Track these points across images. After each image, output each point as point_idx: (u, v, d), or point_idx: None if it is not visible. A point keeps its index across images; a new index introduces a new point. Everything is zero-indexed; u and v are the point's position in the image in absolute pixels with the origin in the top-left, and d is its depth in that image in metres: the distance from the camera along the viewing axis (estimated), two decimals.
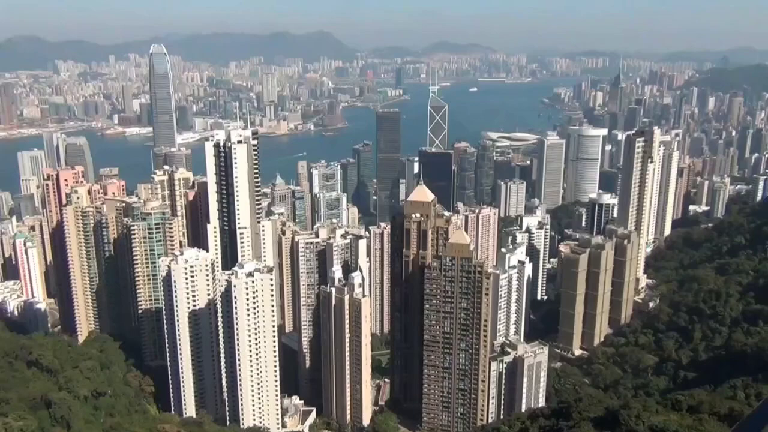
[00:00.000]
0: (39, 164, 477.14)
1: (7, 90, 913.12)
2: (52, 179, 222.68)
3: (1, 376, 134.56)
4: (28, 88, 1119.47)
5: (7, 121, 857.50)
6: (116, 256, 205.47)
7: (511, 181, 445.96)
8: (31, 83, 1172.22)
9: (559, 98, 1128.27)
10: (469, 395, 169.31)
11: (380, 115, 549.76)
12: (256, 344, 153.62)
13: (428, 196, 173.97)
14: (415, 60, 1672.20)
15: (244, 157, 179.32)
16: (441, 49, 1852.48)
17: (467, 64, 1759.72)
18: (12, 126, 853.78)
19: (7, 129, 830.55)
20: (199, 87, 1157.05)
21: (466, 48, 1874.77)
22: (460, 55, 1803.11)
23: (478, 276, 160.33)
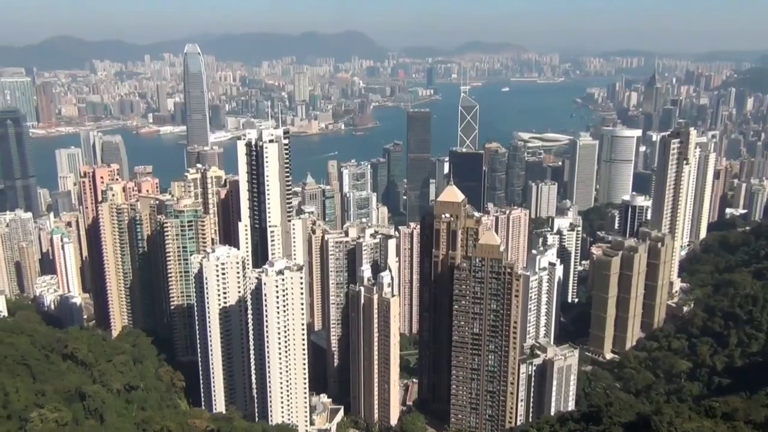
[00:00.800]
0: (76, 162, 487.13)
1: (46, 89, 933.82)
2: (89, 176, 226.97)
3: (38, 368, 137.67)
4: (66, 87, 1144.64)
5: (46, 120, 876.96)
6: (149, 253, 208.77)
7: (543, 182, 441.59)
8: (69, 82, 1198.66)
9: (593, 98, 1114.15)
10: (497, 397, 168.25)
11: (411, 115, 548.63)
12: (285, 342, 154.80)
13: (458, 196, 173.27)
14: (446, 60, 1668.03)
15: (276, 156, 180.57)
16: (473, 49, 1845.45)
17: (499, 63, 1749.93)
18: (50, 124, 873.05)
19: (45, 127, 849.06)
20: (231, 86, 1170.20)
21: (498, 47, 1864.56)
22: (492, 54, 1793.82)
23: (508, 277, 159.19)
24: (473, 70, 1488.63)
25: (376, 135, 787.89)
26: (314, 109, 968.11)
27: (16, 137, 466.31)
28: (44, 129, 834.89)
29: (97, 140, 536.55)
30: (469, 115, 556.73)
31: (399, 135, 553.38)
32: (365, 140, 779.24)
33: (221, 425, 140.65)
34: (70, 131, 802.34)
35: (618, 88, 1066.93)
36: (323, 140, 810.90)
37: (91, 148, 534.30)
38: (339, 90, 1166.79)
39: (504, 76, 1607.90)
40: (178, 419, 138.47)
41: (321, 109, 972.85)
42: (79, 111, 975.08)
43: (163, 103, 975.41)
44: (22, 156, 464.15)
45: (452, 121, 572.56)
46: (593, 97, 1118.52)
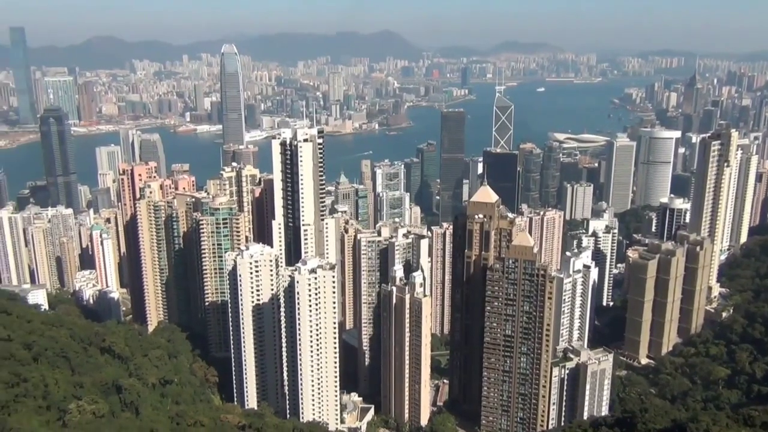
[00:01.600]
0: (115, 159, 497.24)
1: (87, 88, 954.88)
2: (127, 174, 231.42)
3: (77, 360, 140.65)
4: (107, 86, 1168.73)
5: (87, 118, 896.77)
6: (185, 250, 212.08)
7: (578, 183, 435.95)
8: (109, 82, 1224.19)
9: (631, 99, 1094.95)
10: (529, 400, 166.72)
11: (445, 115, 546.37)
12: (317, 340, 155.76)
13: (492, 196, 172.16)
14: (481, 59, 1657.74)
15: (310, 155, 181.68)
16: (508, 49, 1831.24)
17: (535, 63, 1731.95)
18: (91, 122, 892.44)
19: (86, 125, 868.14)
20: (267, 86, 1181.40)
21: (533, 47, 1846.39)
22: (528, 54, 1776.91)
23: (541, 279, 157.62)
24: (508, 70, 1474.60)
25: (409, 135, 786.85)
26: (348, 108, 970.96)
27: (58, 135, 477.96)
28: (85, 127, 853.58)
29: (136, 138, 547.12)
30: (504, 115, 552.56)
31: (433, 135, 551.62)
32: (399, 140, 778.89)
33: (253, 421, 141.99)
34: (110, 129, 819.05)
35: (657, 88, 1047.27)
36: (357, 140, 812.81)
37: (130, 146, 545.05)
38: (373, 90, 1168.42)
39: (540, 76, 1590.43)
40: (211, 414, 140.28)
41: (355, 109, 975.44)
42: (118, 110, 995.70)
43: (200, 102, 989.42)
44: (63, 153, 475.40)
45: (487, 122, 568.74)
46: (631, 98, 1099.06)
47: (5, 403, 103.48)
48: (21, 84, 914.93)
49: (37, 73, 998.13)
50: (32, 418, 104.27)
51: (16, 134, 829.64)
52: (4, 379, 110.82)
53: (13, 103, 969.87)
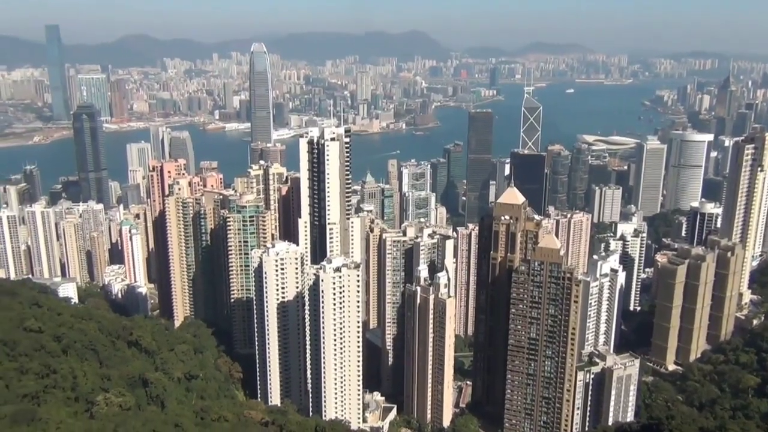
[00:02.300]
0: (145, 156, 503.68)
1: (119, 85, 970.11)
2: (157, 170, 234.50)
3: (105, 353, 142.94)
4: (138, 83, 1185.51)
5: (119, 115, 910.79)
6: (212, 246, 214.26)
7: (607, 186, 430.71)
8: (140, 79, 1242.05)
9: (662, 101, 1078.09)
10: (553, 404, 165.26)
11: (472, 116, 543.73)
12: (340, 338, 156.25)
13: (518, 198, 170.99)
14: (510, 60, 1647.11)
15: (336, 154, 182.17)
16: (537, 49, 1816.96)
17: (564, 64, 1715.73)
18: (122, 119, 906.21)
19: (118, 122, 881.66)
20: (295, 85, 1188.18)
21: (563, 48, 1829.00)
22: (557, 55, 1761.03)
23: (567, 282, 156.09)
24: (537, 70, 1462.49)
25: (436, 135, 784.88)
26: (376, 108, 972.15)
27: (90, 131, 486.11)
28: (117, 124, 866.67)
29: (166, 135, 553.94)
30: (532, 116, 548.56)
31: (460, 135, 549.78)
32: (425, 140, 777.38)
33: (276, 417, 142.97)
34: (141, 126, 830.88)
35: (689, 90, 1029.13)
36: (384, 139, 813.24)
37: (159, 143, 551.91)
38: (401, 89, 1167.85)
39: (569, 77, 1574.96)
40: (234, 409, 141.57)
41: (382, 109, 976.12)
42: (149, 107, 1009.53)
43: (229, 100, 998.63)
44: (95, 149, 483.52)
45: (514, 123, 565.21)
46: (662, 100, 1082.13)
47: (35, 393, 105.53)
48: (55, 81, 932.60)
49: (71, 70, 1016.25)
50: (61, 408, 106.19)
51: (50, 130, 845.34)
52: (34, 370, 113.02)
53: (47, 100, 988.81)
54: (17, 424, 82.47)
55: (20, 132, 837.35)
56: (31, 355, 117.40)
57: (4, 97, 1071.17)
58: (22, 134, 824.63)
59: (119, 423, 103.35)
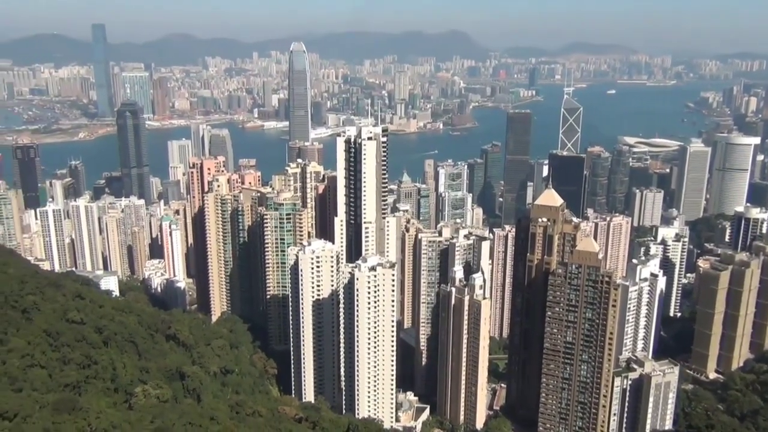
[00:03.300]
0: (186, 153, 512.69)
1: (162, 84, 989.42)
2: (197, 167, 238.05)
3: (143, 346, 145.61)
4: (180, 82, 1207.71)
5: (161, 112, 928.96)
6: (249, 243, 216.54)
7: (648, 189, 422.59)
8: (182, 78, 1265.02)
9: (707, 103, 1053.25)
10: (589, 409, 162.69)
11: (511, 116, 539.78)
12: (374, 337, 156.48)
13: (556, 200, 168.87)
14: (550, 60, 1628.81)
15: (373, 153, 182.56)
16: (578, 50, 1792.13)
17: (606, 65, 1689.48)
18: (164, 117, 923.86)
19: (160, 119, 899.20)
20: (334, 84, 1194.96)
21: (605, 48, 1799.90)
22: (599, 55, 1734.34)
23: (605, 286, 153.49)
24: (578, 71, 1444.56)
25: (474, 135, 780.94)
26: (413, 107, 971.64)
27: (133, 128, 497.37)
28: (159, 121, 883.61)
29: (206, 133, 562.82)
30: (572, 117, 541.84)
31: (497, 136, 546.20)
32: (463, 140, 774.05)
33: (309, 414, 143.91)
34: (182, 124, 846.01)
35: (735, 92, 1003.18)
36: (421, 139, 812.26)
37: (200, 141, 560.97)
38: (439, 89, 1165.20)
39: (610, 77, 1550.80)
40: (269, 405, 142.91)
41: (420, 108, 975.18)
42: (190, 105, 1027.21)
43: (268, 99, 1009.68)
44: (138, 146, 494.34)
45: (553, 124, 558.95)
46: (707, 102, 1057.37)
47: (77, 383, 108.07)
48: (100, 79, 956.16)
49: (115, 68, 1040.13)
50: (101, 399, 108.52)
51: (95, 126, 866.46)
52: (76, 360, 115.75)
53: (92, 97, 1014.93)
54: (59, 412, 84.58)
55: (66, 128, 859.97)
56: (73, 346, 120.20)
57: (52, 94, 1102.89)
58: (68, 130, 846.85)
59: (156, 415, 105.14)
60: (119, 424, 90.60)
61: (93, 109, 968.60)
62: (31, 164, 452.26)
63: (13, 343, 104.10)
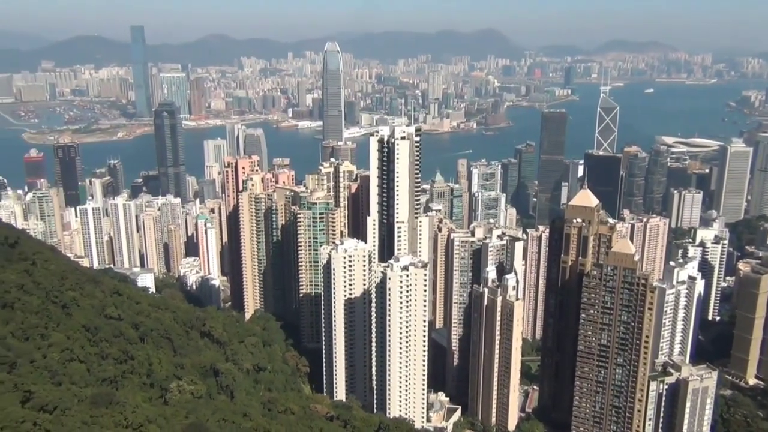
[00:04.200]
0: (221, 152, 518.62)
1: (198, 84, 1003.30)
2: (232, 167, 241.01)
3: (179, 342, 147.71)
4: (216, 82, 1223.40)
5: (197, 112, 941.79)
6: (283, 242, 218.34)
7: (686, 189, 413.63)
8: (218, 78, 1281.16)
9: (748, 102, 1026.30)
10: (623, 413, 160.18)
11: (545, 115, 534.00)
12: (406, 337, 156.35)
13: (592, 201, 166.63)
14: (586, 59, 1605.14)
15: (406, 153, 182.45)
16: (616, 48, 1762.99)
17: (644, 63, 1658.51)
18: (200, 117, 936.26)
19: (196, 119, 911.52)
20: (367, 83, 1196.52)
21: (643, 46, 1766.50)
22: (637, 54, 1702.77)
23: (641, 289, 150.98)
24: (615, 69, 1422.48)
25: (507, 135, 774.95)
26: (447, 107, 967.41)
27: (170, 128, 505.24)
28: (195, 121, 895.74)
29: (241, 133, 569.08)
30: (608, 116, 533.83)
31: (531, 135, 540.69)
32: (496, 140, 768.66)
33: (341, 412, 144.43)
34: (218, 124, 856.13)
35: None
36: (454, 139, 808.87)
37: (235, 140, 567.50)
38: (473, 89, 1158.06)
39: (648, 76, 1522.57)
40: (301, 403, 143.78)
41: (454, 108, 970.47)
42: (226, 105, 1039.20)
43: (302, 98, 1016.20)
44: (174, 145, 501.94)
45: (589, 123, 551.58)
46: (749, 101, 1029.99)
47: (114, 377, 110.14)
48: (139, 79, 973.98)
49: (153, 69, 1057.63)
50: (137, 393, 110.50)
51: (133, 126, 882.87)
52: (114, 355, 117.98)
53: (131, 97, 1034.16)
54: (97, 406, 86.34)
55: (105, 128, 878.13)
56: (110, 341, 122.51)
57: (92, 94, 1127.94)
58: (107, 130, 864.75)
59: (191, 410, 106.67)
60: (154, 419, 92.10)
61: (131, 109, 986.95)
62: (71, 163, 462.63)
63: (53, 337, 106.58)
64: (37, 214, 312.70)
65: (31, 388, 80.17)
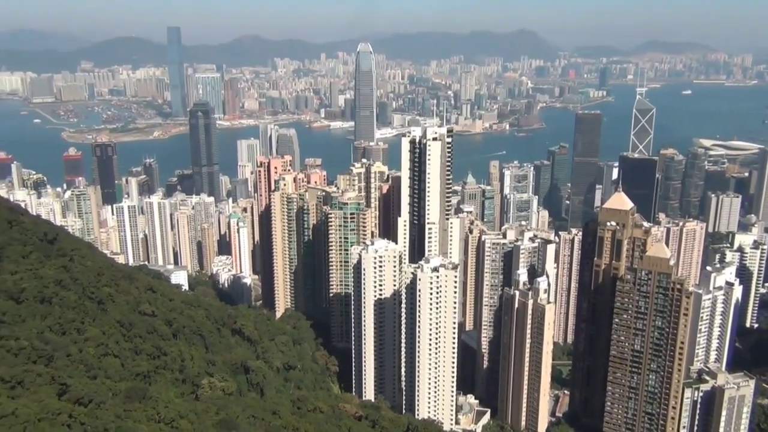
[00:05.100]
0: (254, 152, 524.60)
1: (233, 84, 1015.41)
2: (264, 166, 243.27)
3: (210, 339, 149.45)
4: (250, 82, 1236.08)
5: (231, 112, 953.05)
6: (314, 241, 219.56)
7: (724, 193, 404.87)
8: (252, 78, 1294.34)
9: None
10: (656, 420, 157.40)
11: (580, 117, 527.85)
12: (436, 338, 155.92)
13: (626, 203, 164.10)
14: (622, 60, 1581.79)
15: (438, 154, 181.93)
16: (652, 49, 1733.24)
17: (681, 64, 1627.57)
18: (234, 117, 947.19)
19: (230, 119, 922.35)
20: (399, 84, 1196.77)
21: (681, 47, 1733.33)
22: (674, 54, 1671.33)
23: (676, 294, 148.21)
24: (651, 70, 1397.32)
25: (540, 136, 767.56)
26: (479, 108, 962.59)
27: (204, 128, 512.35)
28: (228, 121, 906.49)
29: (274, 133, 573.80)
30: (644, 118, 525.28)
31: (565, 137, 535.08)
32: (529, 141, 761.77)
33: (369, 412, 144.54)
34: (251, 124, 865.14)
35: None
36: (486, 140, 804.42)
37: (267, 140, 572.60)
38: (506, 90, 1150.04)
39: (686, 77, 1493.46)
40: (330, 402, 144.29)
41: (486, 109, 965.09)
42: (259, 105, 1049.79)
43: (334, 99, 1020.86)
44: (208, 145, 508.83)
45: (624, 125, 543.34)
46: None
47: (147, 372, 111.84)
48: (174, 80, 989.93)
49: (189, 69, 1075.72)
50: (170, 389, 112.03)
51: (169, 126, 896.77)
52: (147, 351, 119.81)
53: (167, 97, 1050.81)
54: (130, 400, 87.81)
55: (142, 127, 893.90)
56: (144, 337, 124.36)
57: (129, 94, 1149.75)
58: (144, 129, 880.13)
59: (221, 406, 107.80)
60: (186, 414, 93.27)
61: (167, 109, 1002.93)
62: (108, 162, 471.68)
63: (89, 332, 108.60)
64: (75, 212, 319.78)
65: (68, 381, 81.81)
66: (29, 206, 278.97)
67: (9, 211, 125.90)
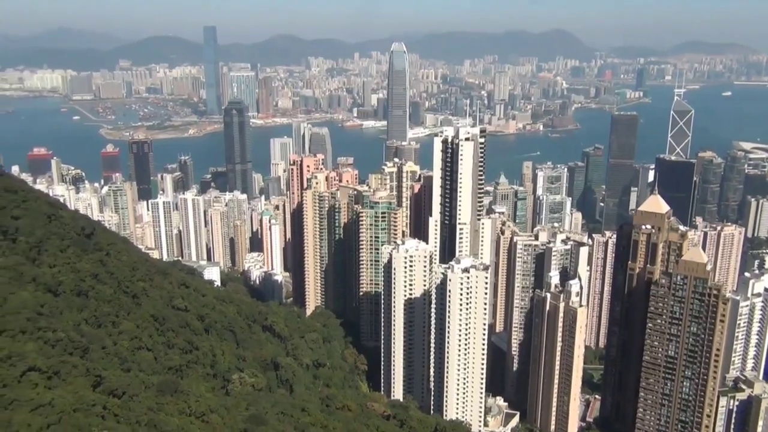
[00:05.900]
0: (287, 150, 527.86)
1: (266, 83, 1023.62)
2: (297, 164, 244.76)
3: (241, 335, 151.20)
4: (284, 81, 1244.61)
5: (264, 111, 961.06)
6: (345, 240, 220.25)
7: (764, 197, 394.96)
8: (286, 77, 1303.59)
9: None
10: (690, 429, 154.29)
11: (615, 118, 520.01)
12: (465, 339, 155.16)
13: (662, 207, 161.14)
14: (660, 60, 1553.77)
15: (470, 154, 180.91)
16: (691, 49, 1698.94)
17: (721, 65, 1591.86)
18: (268, 115, 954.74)
19: (263, 118, 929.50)
20: (432, 84, 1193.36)
21: (721, 47, 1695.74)
22: (714, 55, 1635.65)
23: (713, 300, 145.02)
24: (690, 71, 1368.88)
25: (574, 137, 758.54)
26: (513, 108, 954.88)
27: (238, 126, 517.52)
28: (262, 119, 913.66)
29: (307, 131, 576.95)
30: (682, 120, 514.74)
31: (600, 138, 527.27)
32: (563, 142, 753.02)
33: (397, 412, 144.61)
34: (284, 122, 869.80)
35: None
36: (519, 140, 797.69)
37: (300, 139, 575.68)
38: (540, 90, 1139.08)
39: (726, 79, 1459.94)
40: (358, 400, 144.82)
41: (520, 109, 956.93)
42: (293, 104, 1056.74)
43: (367, 98, 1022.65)
44: (242, 143, 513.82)
45: (662, 127, 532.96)
46: None
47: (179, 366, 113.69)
48: (210, 78, 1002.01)
49: (224, 68, 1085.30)
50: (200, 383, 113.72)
51: (204, 124, 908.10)
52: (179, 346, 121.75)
53: (202, 96, 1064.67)
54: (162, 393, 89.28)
55: (177, 125, 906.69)
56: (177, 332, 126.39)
57: (165, 92, 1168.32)
58: (179, 127, 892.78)
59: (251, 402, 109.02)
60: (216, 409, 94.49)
61: (202, 107, 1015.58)
62: (145, 158, 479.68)
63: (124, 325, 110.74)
64: (111, 207, 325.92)
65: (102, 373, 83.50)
66: (68, 201, 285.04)
67: (48, 206, 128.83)
